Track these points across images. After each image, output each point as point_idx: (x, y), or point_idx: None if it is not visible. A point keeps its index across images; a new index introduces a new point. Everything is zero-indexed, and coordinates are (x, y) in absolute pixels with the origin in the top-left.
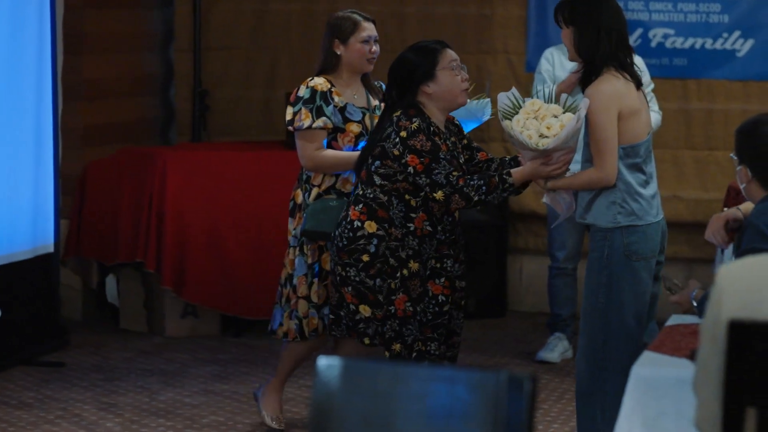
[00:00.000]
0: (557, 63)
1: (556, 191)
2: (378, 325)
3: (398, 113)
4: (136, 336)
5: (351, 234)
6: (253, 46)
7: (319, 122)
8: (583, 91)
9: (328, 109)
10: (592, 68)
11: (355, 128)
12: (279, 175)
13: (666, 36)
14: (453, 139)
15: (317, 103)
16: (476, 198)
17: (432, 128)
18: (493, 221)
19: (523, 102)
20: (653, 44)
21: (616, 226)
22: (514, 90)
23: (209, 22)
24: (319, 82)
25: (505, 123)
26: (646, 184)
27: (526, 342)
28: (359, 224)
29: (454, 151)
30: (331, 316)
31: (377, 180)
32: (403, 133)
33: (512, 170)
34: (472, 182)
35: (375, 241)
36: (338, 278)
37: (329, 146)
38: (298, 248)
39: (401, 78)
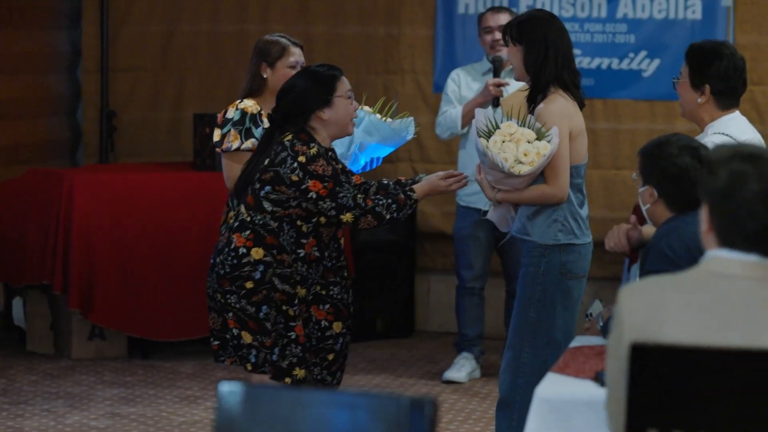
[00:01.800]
0: (463, 83)
1: (501, 204)
2: (267, 353)
3: (289, 137)
4: (43, 359)
5: (235, 261)
6: (160, 68)
7: (248, 144)
8: (530, 111)
9: (257, 131)
10: (538, 87)
11: None
12: (187, 197)
13: None
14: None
15: (246, 125)
16: (388, 216)
17: (329, 153)
18: (401, 241)
19: (500, 123)
20: None
21: (555, 244)
22: (491, 109)
23: (117, 43)
24: (249, 105)
25: (481, 141)
26: (582, 204)
27: (433, 362)
28: (245, 251)
29: None
30: (216, 342)
31: (267, 206)
32: (302, 158)
33: (413, 186)
34: (381, 201)
35: (261, 268)
36: (218, 305)
37: None
38: None
39: (294, 102)
